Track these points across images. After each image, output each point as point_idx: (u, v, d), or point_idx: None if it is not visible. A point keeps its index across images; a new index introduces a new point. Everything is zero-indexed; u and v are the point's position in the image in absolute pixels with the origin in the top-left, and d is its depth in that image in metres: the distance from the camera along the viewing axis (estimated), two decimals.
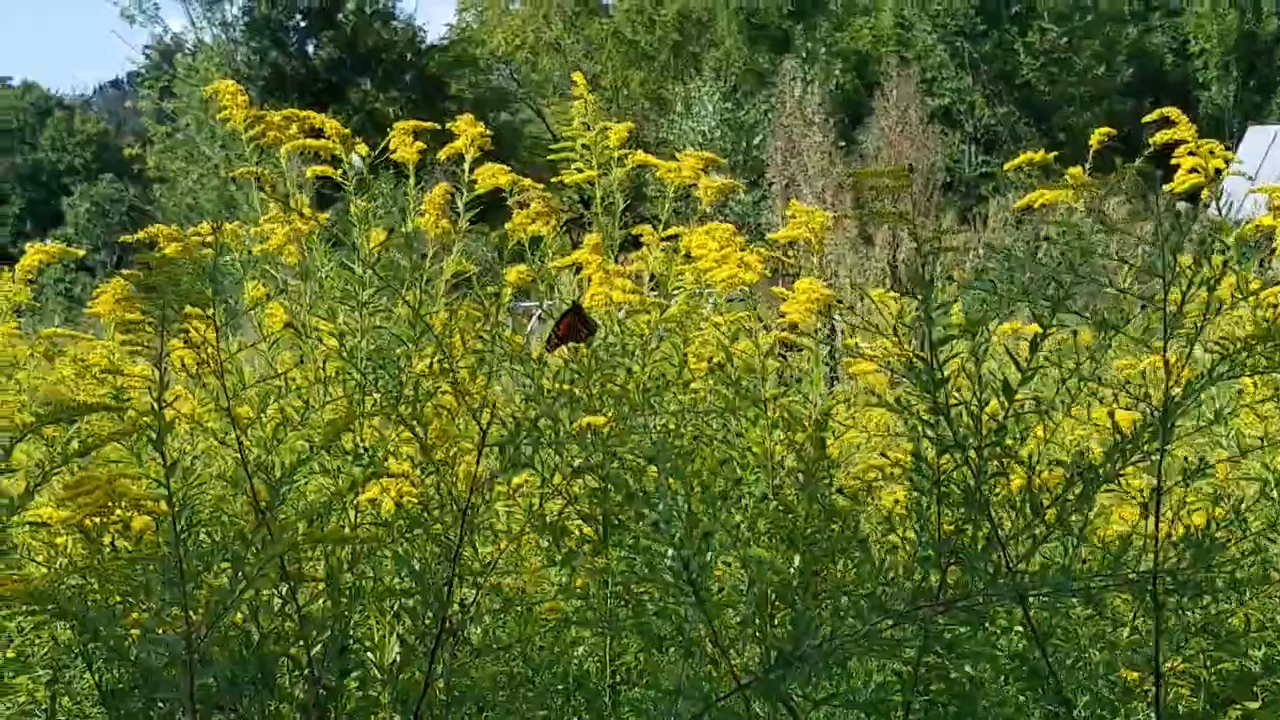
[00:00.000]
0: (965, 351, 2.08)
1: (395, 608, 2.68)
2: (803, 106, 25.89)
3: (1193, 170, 3.08)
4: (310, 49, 42.20)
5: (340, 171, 3.27)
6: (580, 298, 3.08)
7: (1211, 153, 3.08)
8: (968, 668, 2.22)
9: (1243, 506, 2.33)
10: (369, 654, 2.70)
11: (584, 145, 3.48)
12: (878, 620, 1.96)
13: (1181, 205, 2.76)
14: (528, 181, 3.36)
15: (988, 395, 2.07)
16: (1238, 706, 2.56)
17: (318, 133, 3.28)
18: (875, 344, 2.76)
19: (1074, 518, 2.05)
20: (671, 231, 3.42)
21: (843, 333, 3.92)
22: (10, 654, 2.65)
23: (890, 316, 2.15)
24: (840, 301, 2.91)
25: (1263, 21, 39.34)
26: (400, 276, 2.77)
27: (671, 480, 2.00)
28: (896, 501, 2.83)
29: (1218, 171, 3.06)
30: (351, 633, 2.64)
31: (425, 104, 37.55)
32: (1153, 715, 2.31)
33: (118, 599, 2.26)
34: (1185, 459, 2.41)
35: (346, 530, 2.68)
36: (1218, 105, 38.16)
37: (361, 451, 2.71)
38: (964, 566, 2.03)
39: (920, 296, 2.07)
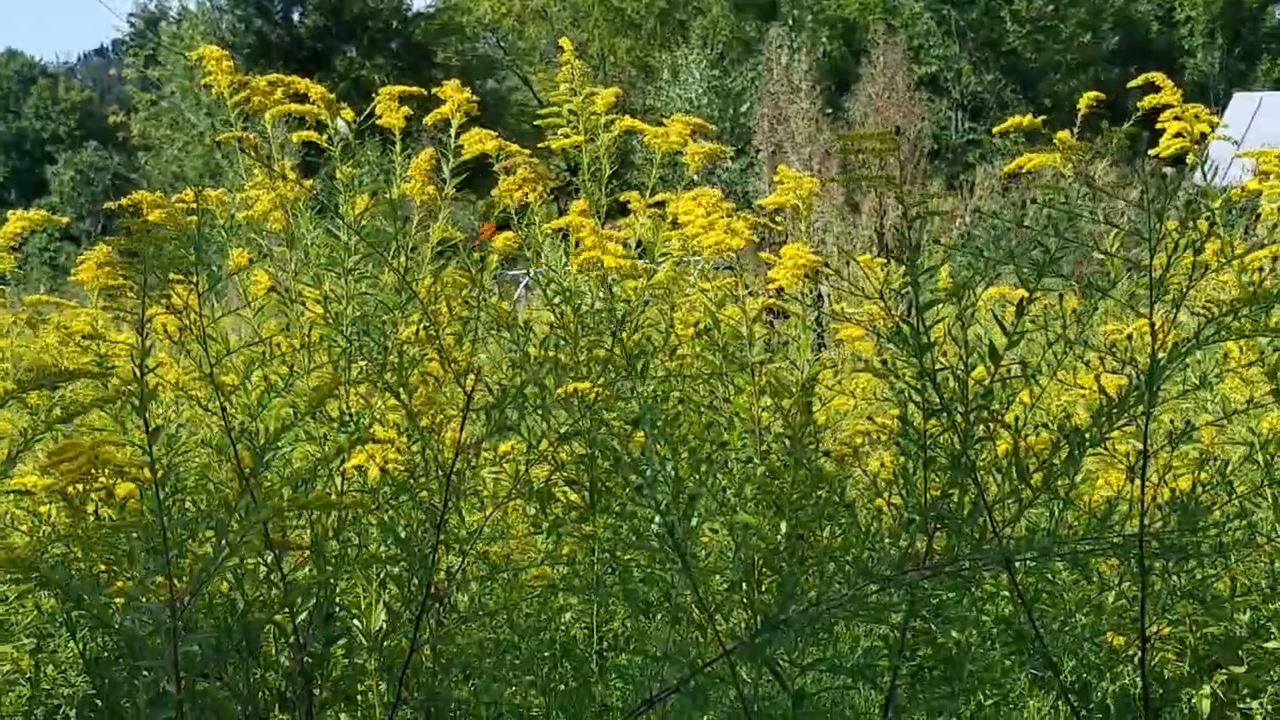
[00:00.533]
0: (951, 316, 2.07)
1: (381, 575, 2.67)
2: (790, 74, 25.79)
3: (1178, 135, 3.06)
4: (295, 16, 41.94)
5: (326, 137, 3.25)
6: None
7: (1196, 117, 3.07)
8: (954, 632, 2.22)
9: (1228, 470, 2.34)
10: (355, 621, 2.70)
11: (570, 110, 3.46)
12: (864, 585, 1.96)
13: (1167, 170, 2.75)
14: (514, 147, 3.33)
15: (974, 360, 2.07)
16: (1223, 670, 2.57)
17: (303, 98, 3.26)
18: (862, 309, 2.76)
19: (1060, 482, 2.05)
20: (659, 198, 3.40)
21: (830, 298, 3.91)
22: None
23: (877, 282, 2.14)
24: (827, 266, 2.90)
25: None
26: (386, 242, 2.75)
27: (658, 446, 1.99)
28: (883, 466, 2.82)
29: (1203, 135, 3.05)
30: (337, 600, 2.63)
31: (411, 72, 37.31)
32: (1138, 679, 2.32)
33: (102, 567, 2.25)
34: (1171, 423, 2.41)
35: (332, 497, 2.67)
36: (1203, 72, 38.11)
37: (347, 418, 2.70)
38: (950, 531, 2.03)
39: (907, 261, 2.06)
